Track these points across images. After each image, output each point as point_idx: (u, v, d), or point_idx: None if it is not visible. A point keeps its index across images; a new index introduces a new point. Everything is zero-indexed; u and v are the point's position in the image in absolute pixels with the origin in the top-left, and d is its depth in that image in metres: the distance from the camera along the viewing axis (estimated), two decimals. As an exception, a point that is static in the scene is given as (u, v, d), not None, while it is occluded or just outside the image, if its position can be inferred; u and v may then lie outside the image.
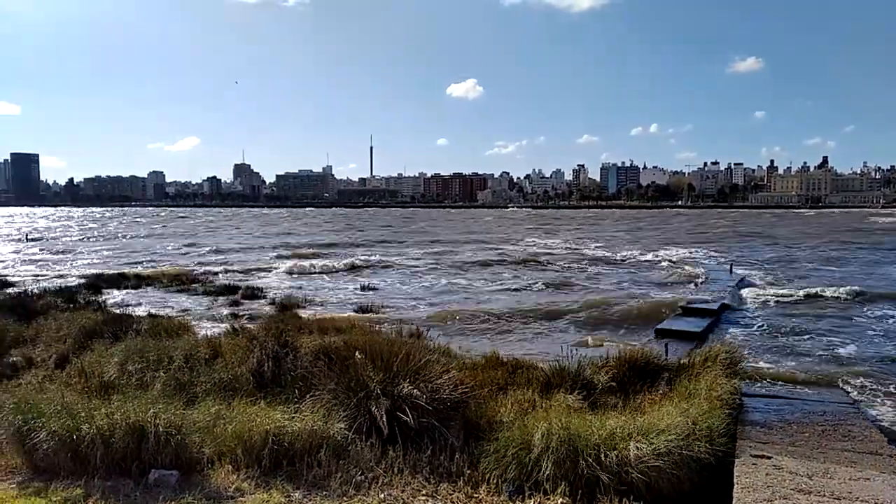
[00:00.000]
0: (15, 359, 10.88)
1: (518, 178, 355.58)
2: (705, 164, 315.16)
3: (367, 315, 17.10)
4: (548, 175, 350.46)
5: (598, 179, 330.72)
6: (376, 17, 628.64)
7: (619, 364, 8.65)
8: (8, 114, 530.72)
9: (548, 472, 5.56)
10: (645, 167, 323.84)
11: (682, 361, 9.16)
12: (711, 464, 5.79)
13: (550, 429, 5.86)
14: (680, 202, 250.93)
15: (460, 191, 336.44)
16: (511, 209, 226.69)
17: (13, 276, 26.74)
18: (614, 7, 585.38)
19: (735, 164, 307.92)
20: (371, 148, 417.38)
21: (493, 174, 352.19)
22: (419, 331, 11.43)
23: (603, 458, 5.59)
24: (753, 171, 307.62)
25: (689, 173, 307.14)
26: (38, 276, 27.86)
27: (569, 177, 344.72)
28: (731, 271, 27.78)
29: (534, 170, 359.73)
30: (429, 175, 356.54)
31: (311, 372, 7.97)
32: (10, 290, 19.63)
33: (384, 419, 6.26)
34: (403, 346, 7.62)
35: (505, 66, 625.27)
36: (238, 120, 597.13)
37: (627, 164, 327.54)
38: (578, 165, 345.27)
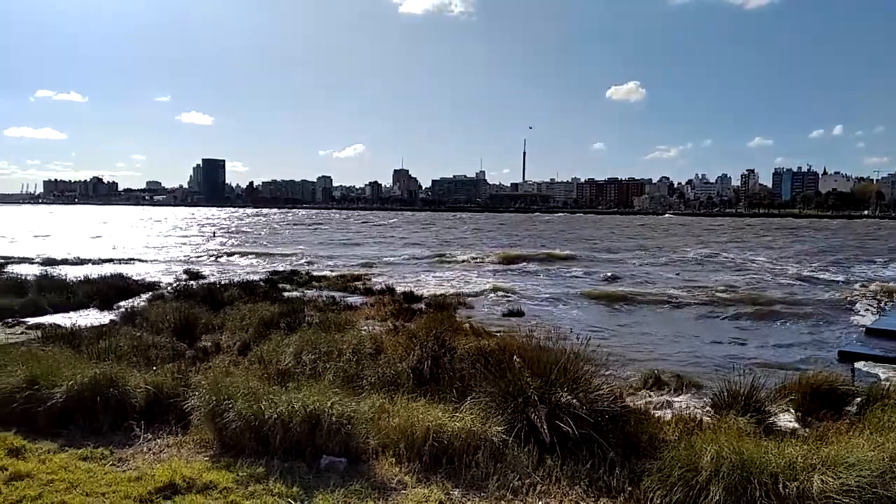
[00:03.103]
0: (206, 344, 12.14)
1: (679, 184, 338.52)
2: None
3: (519, 319, 17.13)
4: (712, 181, 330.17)
5: (769, 185, 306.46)
6: (539, 22, 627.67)
7: (799, 388, 7.96)
8: (202, 124, 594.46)
9: (717, 498, 5.20)
10: (825, 172, 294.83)
11: (872, 389, 8.23)
12: (912, 508, 5.13)
13: (720, 452, 5.49)
14: (866, 212, 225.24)
15: (615, 196, 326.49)
16: (668, 216, 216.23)
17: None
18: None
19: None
20: (524, 153, 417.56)
21: (650, 179, 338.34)
22: (572, 337, 11.25)
23: (781, 490, 5.15)
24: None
25: (878, 180, 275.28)
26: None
27: (736, 182, 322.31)
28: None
29: (696, 175, 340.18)
30: (582, 180, 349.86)
31: (469, 373, 8.14)
32: (202, 282, 22.00)
33: (544, 426, 6.22)
34: (561, 355, 7.52)
35: (671, 67, 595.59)
36: (399, 127, 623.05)
37: (805, 169, 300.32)
38: (747, 170, 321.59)
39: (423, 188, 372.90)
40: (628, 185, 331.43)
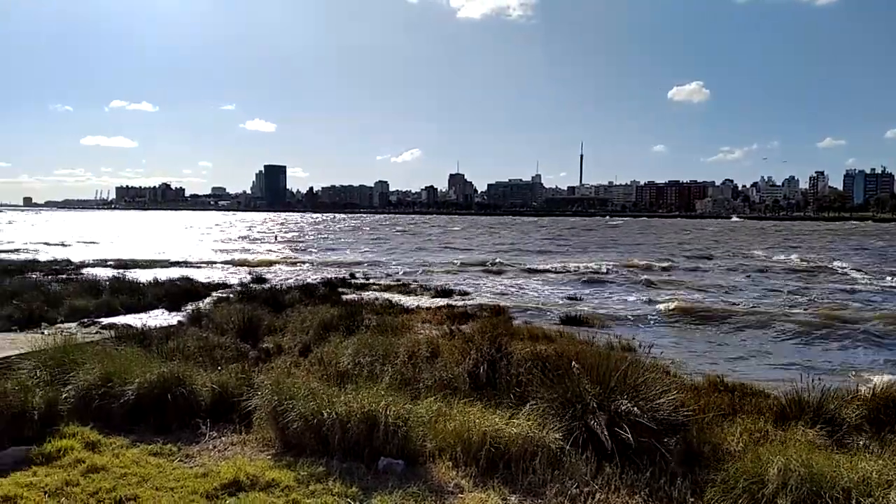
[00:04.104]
0: (268, 345, 12.44)
1: (744, 187, 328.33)
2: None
3: (579, 327, 16.93)
4: (779, 183, 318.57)
5: (839, 188, 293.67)
6: (599, 23, 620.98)
7: (873, 399, 7.59)
8: (265, 131, 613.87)
9: (785, 512, 5.03)
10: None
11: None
12: None
13: (788, 464, 5.30)
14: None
15: (676, 199, 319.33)
16: (734, 220, 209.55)
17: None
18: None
19: None
20: (581, 156, 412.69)
21: (713, 182, 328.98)
22: (634, 345, 11.12)
23: (854, 506, 4.93)
24: None
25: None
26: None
27: (804, 185, 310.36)
28: None
29: (762, 177, 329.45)
30: (642, 183, 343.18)
31: (526, 378, 8.09)
32: (265, 285, 22.60)
33: (605, 433, 6.12)
34: (620, 361, 7.41)
35: (736, 66, 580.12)
36: (455, 132, 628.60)
37: (878, 170, 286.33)
38: (816, 172, 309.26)
39: (479, 192, 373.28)
40: (690, 187, 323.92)
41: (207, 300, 19.49)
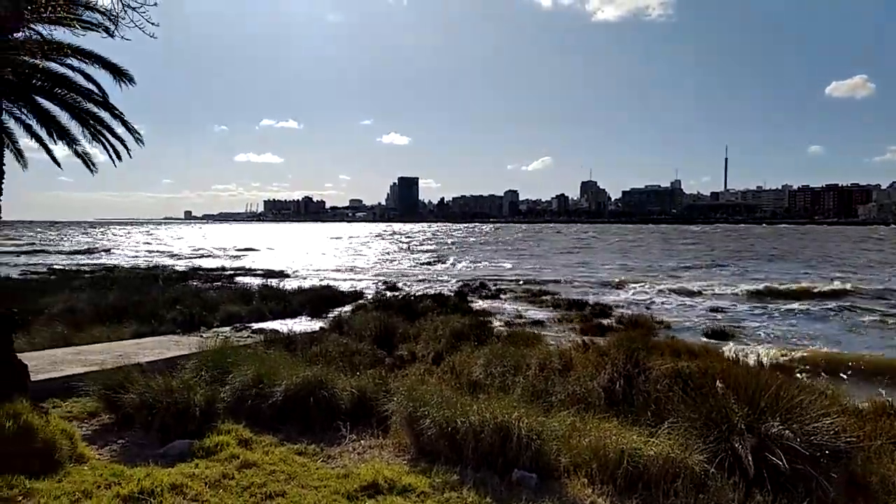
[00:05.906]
0: (403, 352, 12.82)
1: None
2: None
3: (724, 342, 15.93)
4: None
5: None
6: (746, 16, 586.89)
7: None
8: (400, 144, 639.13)
9: (975, 561, 4.41)
10: None
11: None
12: None
13: (978, 505, 4.66)
14: None
15: (834, 205, 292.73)
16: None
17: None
18: None
19: None
20: (725, 160, 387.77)
21: (878, 185, 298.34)
22: (788, 365, 10.27)
23: None
24: None
25: None
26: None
27: None
28: None
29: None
30: (795, 187, 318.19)
31: (666, 396, 7.72)
32: (399, 293, 23.37)
33: (750, 458, 5.71)
34: (772, 381, 6.88)
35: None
36: (587, 139, 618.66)
37: None
38: None
39: (612, 200, 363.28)
40: (851, 191, 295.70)
41: (347, 307, 20.43)
